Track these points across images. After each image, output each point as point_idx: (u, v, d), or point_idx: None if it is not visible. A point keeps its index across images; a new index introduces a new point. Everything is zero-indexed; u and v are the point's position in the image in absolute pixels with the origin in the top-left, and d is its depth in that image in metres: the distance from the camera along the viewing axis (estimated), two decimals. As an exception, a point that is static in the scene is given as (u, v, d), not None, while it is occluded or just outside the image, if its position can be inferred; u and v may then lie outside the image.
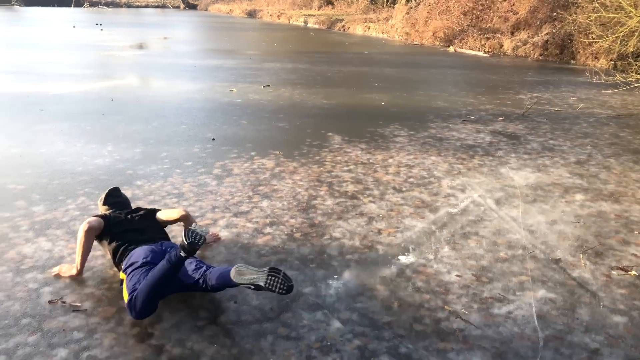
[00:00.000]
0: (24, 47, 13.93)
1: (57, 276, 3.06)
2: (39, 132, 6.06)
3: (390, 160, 5.42)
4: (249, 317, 2.77)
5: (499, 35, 16.65)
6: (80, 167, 4.89)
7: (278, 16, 31.82)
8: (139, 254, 2.88)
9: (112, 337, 2.57)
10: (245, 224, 3.84)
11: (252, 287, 2.67)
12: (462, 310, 2.88)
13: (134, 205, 3.67)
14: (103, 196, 3.49)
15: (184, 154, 5.41)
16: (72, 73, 10.22)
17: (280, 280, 2.66)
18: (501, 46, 16.34)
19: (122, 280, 2.87)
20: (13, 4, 39.12)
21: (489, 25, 17.35)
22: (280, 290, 2.65)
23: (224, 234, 3.67)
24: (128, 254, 2.93)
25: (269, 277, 2.66)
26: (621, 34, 10.31)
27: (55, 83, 9.05)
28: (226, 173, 4.87)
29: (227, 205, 4.17)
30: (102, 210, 3.42)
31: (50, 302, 2.82)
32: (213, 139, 5.91)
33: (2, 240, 3.48)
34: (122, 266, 2.91)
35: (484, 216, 4.09)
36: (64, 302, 2.82)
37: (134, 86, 9.28)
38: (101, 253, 3.32)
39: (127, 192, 4.34)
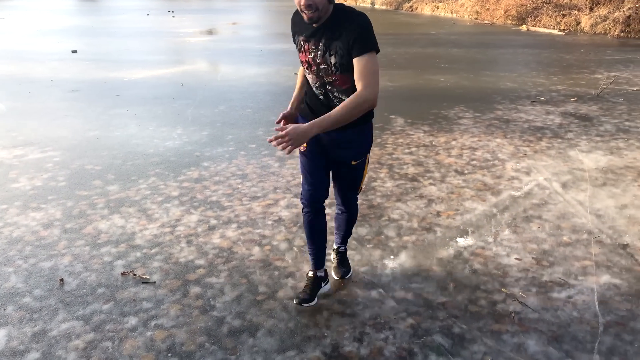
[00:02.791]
0: (101, 35, 14.67)
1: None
2: (115, 116, 6.41)
3: (453, 143, 5.34)
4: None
5: (576, 12, 15.81)
6: (151, 149, 5.16)
7: (345, -2, 31.59)
8: None
9: (177, 308, 2.74)
10: (305, 204, 3.92)
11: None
12: (520, 293, 2.84)
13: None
14: None
15: (249, 136, 5.57)
16: (145, 59, 10.68)
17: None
18: (578, 23, 15.51)
19: None
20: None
21: (565, 1, 16.50)
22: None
23: (284, 213, 3.79)
24: None
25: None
26: None
27: (130, 69, 9.50)
28: (289, 155, 4.98)
29: (288, 186, 4.28)
30: None
31: (122, 274, 3.04)
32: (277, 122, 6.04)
33: (80, 216, 3.75)
34: None
35: (549, 200, 3.98)
36: (134, 275, 3.02)
37: (202, 71, 9.59)
38: (170, 230, 3.51)
39: (194, 173, 4.55)
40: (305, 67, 2.49)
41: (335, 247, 3.07)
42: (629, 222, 3.61)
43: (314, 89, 2.52)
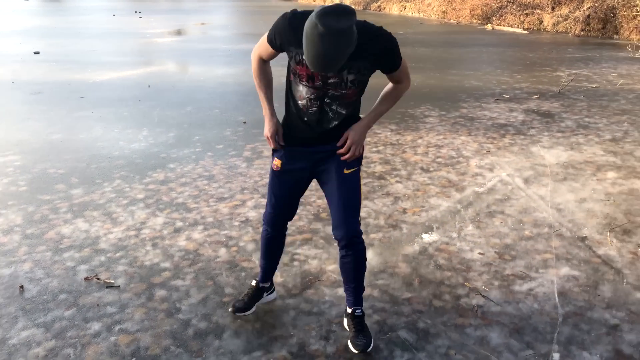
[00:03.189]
0: (65, 36, 14.36)
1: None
2: (79, 118, 6.30)
3: (420, 141, 5.41)
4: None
5: (538, 11, 16.17)
6: (116, 152, 5.08)
7: (313, -2, 31.64)
8: None
9: (142, 312, 2.71)
10: (273, 204, 3.92)
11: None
12: (483, 287, 2.90)
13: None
14: None
15: (216, 137, 5.54)
16: (111, 61, 10.51)
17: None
18: (541, 22, 15.86)
19: None
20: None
21: (528, 0, 16.85)
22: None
23: (251, 214, 3.78)
24: None
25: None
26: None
27: (95, 71, 9.34)
28: (256, 155, 4.98)
29: (256, 186, 4.28)
30: None
31: (85, 279, 2.99)
32: (244, 122, 6.03)
33: (42, 221, 3.68)
34: None
35: (511, 195, 4.07)
36: (98, 279, 2.98)
37: (170, 72, 9.49)
38: (135, 233, 3.47)
39: (160, 174, 4.51)
40: (300, 80, 2.16)
41: (349, 311, 2.52)
42: (587, 215, 3.71)
43: (304, 101, 2.21)
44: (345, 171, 2.33)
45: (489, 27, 16.61)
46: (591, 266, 3.08)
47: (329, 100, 2.19)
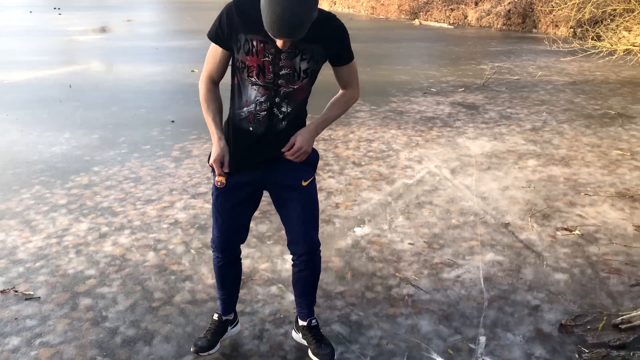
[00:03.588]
0: (-22, 35, 13.50)
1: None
2: (-6, 122, 5.94)
3: (351, 136, 5.46)
4: (204, 295, 2.81)
5: (463, 6, 16.70)
6: (35, 156, 4.83)
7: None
8: None
9: (65, 323, 2.59)
10: (203, 205, 3.85)
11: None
12: (413, 276, 2.96)
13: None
14: None
15: (143, 137, 5.37)
16: (28, 60, 9.96)
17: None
18: (465, 17, 16.40)
19: None
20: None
21: (453, -4, 17.37)
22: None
23: (181, 215, 3.69)
24: None
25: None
26: (578, 0, 10.44)
27: (11, 71, 8.82)
28: (185, 155, 4.86)
29: (185, 187, 4.18)
30: None
31: (2, 292, 2.82)
32: (172, 121, 5.88)
33: (-47, 232, 3.44)
34: None
35: (439, 185, 4.18)
36: (16, 291, 2.82)
37: (93, 71, 9.12)
38: (57, 241, 3.31)
39: (83, 178, 4.32)
40: (250, 74, 1.98)
41: (303, 323, 2.40)
42: (510, 202, 3.87)
43: (252, 106, 2.03)
44: (304, 183, 2.14)
45: (416, 22, 17.00)
46: (514, 251, 3.21)
47: (278, 100, 2.02)
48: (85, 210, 3.77)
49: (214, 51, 2.05)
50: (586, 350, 2.35)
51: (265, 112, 2.04)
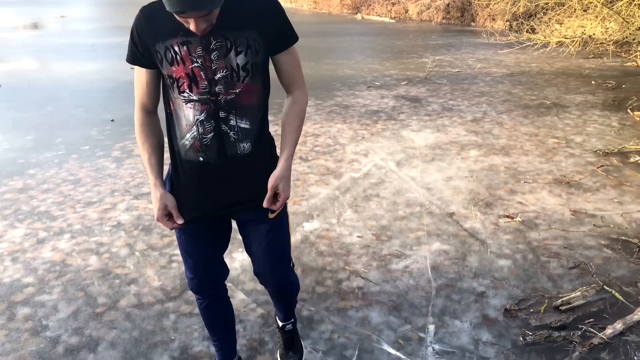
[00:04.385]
0: None
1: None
2: None
3: (297, 130, 5.44)
4: (150, 298, 2.74)
5: (404, 0, 16.96)
6: (-36, 160, 4.57)
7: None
8: None
9: (2, 334, 2.46)
10: (147, 205, 3.75)
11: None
12: (362, 269, 2.98)
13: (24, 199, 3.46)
14: None
15: (81, 138, 5.17)
16: (-46, 59, 9.43)
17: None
18: (406, 11, 16.66)
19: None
20: None
21: (393, -9, 17.61)
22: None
23: (124, 217, 3.57)
24: None
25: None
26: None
27: None
28: (126, 155, 4.71)
29: (127, 187, 4.05)
30: None
31: None
32: (112, 120, 5.69)
33: None
34: None
35: (385, 178, 4.23)
36: (-53, 304, 2.66)
37: (25, 70, 8.70)
38: (-11, 248, 3.13)
39: (17, 182, 4.12)
40: (181, 89, 1.63)
41: (280, 324, 2.27)
42: (454, 192, 3.96)
43: (194, 130, 1.66)
44: (271, 215, 1.81)
45: (358, 16, 17.14)
46: (459, 239, 3.29)
47: (224, 114, 1.64)
48: (21, 216, 3.59)
49: (139, 75, 1.72)
50: (530, 333, 2.43)
51: (212, 133, 1.65)
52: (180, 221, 1.74)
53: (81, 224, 3.48)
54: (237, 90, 1.64)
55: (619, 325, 2.43)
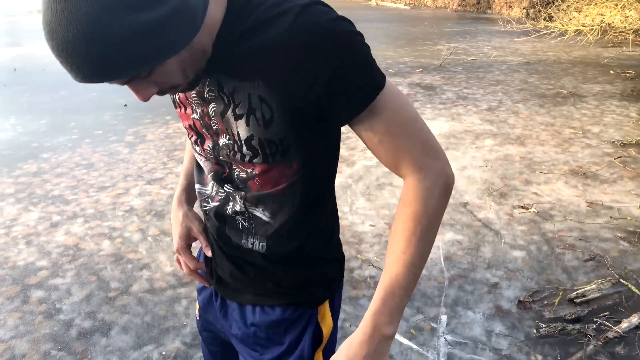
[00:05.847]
0: None
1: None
2: None
3: (310, 117, 5.41)
4: (162, 283, 2.74)
5: (418, -13, 16.78)
6: (-21, 143, 4.60)
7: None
8: None
9: (16, 317, 2.48)
10: (160, 190, 3.75)
11: None
12: (374, 258, 2.97)
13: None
14: None
15: (94, 122, 5.18)
16: (-31, 42, 9.48)
17: None
18: (421, -2, 16.49)
19: None
20: None
21: (408, -23, 17.41)
22: None
23: (136, 202, 3.58)
24: None
25: None
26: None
27: (-50, 54, 8.38)
28: (139, 140, 4.72)
29: (140, 173, 4.06)
30: None
31: (-54, 286, 2.68)
32: (125, 105, 5.70)
33: None
34: None
35: (399, 166, 4.19)
36: (-38, 286, 2.68)
37: (40, 54, 8.72)
38: (5, 232, 3.16)
39: (32, 166, 4.14)
40: (191, 139, 1.04)
41: None
42: (468, 182, 3.92)
43: (208, 189, 1.08)
44: None
45: (373, 2, 16.98)
46: (473, 230, 3.26)
47: (232, 189, 1.02)
48: (35, 199, 3.61)
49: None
50: (543, 325, 2.40)
51: (218, 204, 1.06)
52: (198, 267, 1.17)
53: (94, 208, 3.50)
54: (249, 170, 0.97)
55: (634, 319, 2.40)
